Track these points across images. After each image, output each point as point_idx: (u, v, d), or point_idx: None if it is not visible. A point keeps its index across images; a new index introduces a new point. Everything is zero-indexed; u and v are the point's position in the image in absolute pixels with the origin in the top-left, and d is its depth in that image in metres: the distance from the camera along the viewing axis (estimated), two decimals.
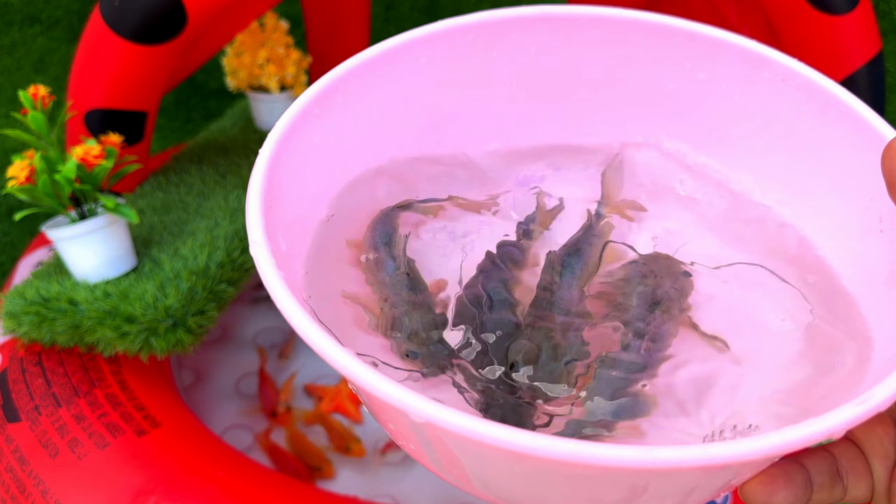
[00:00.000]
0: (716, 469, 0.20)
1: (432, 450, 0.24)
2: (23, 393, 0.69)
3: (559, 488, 0.21)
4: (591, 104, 0.32)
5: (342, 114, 0.28)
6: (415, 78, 0.31)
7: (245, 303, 1.08)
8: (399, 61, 0.30)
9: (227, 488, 0.62)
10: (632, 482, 0.20)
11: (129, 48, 0.79)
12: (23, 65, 1.69)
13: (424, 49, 0.32)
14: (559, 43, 0.31)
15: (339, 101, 0.28)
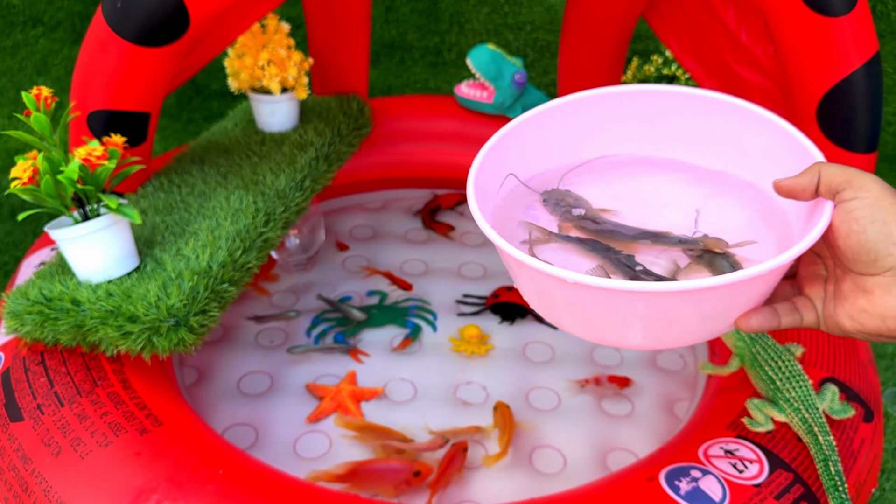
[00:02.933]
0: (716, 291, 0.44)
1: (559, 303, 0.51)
2: (25, 392, 0.70)
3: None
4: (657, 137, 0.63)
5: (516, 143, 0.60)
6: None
7: (246, 302, 1.08)
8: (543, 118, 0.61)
9: (229, 487, 0.62)
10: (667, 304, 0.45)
11: (132, 50, 0.79)
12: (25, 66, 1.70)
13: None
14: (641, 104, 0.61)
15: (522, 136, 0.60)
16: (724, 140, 0.60)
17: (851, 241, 0.44)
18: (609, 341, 0.53)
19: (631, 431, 0.87)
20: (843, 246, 0.45)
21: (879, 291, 0.43)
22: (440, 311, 1.07)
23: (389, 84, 1.77)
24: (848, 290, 0.46)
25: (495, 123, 1.30)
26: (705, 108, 0.60)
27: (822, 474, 0.65)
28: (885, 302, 0.43)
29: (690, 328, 0.49)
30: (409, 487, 0.76)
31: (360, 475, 0.77)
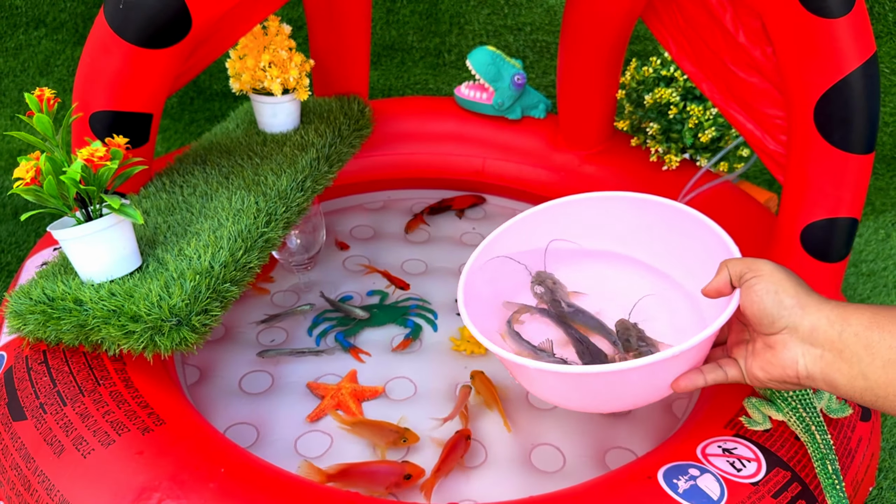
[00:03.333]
0: (639, 371, 0.59)
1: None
2: (28, 391, 0.70)
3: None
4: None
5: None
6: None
7: (247, 301, 1.09)
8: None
9: (231, 485, 0.63)
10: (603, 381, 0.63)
11: (134, 51, 0.79)
12: (28, 67, 1.70)
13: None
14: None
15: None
16: (667, 238, 0.79)
17: (755, 310, 0.56)
18: (571, 408, 0.72)
19: (629, 430, 0.87)
20: (749, 315, 0.57)
21: (779, 346, 0.55)
22: (440, 311, 1.08)
23: (390, 85, 1.78)
24: (759, 348, 0.58)
25: (495, 124, 1.31)
26: (657, 212, 0.79)
27: (820, 473, 0.65)
28: (783, 353, 0.55)
29: (633, 396, 0.67)
30: (399, 489, 0.77)
31: (351, 475, 0.77)
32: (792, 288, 0.55)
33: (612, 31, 1.08)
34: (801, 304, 0.54)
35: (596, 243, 0.86)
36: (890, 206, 1.45)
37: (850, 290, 1.21)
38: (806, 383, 0.55)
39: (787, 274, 0.56)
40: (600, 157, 1.24)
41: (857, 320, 0.51)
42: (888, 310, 0.52)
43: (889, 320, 0.50)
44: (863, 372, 0.50)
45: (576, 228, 0.86)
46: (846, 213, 0.85)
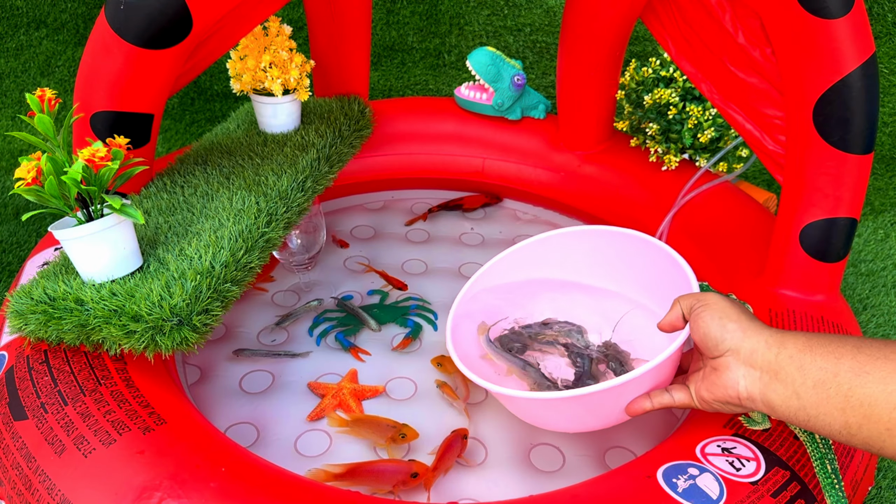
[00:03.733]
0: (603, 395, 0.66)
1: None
2: (29, 391, 0.70)
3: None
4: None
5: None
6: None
7: (248, 301, 1.09)
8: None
9: (231, 484, 0.63)
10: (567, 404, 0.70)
11: (135, 52, 0.80)
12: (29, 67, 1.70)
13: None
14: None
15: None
16: (637, 268, 0.86)
17: (701, 334, 0.62)
18: (543, 426, 0.80)
19: (629, 429, 0.88)
20: (697, 341, 0.63)
21: (723, 368, 0.60)
22: (440, 311, 1.08)
23: (390, 86, 1.78)
24: (707, 372, 0.63)
25: (495, 124, 1.31)
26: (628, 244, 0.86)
27: (819, 472, 0.65)
28: (727, 375, 0.60)
29: (596, 418, 0.73)
30: (405, 487, 0.77)
31: (359, 474, 0.78)
32: (735, 314, 0.60)
33: (612, 31, 1.08)
34: (743, 328, 0.59)
35: (573, 275, 0.93)
36: (889, 206, 1.45)
37: (850, 290, 1.21)
38: (747, 404, 0.60)
39: (732, 303, 0.62)
40: (600, 157, 1.25)
41: (793, 344, 0.56)
42: (822, 336, 0.56)
43: (820, 344, 0.54)
44: (796, 392, 0.54)
45: (553, 262, 0.93)
46: (845, 214, 0.85)
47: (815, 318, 0.85)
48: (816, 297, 0.89)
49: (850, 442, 0.52)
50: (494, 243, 1.25)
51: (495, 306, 0.93)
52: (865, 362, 0.50)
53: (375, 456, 0.84)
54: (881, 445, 0.49)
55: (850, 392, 0.50)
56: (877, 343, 0.52)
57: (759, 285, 0.93)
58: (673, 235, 1.12)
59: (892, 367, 0.48)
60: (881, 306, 1.17)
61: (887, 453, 0.49)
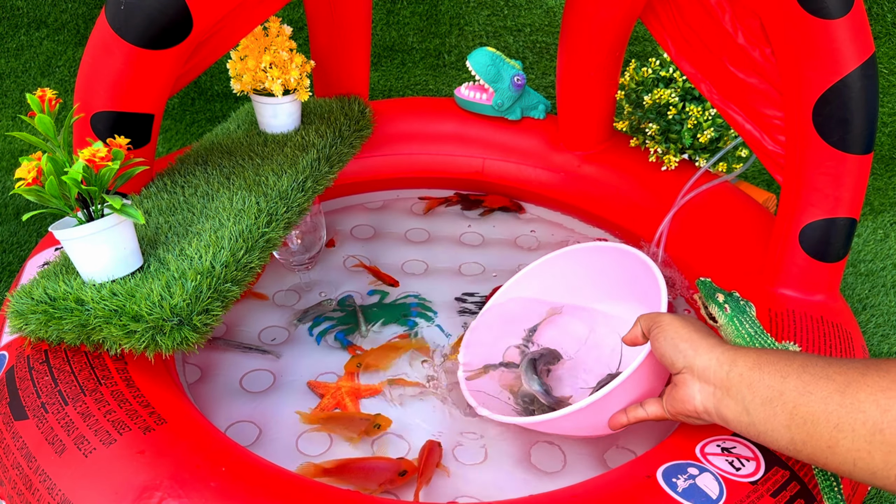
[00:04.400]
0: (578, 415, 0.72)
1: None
2: (30, 391, 0.70)
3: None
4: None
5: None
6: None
7: (249, 301, 1.09)
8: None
9: (232, 484, 0.63)
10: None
11: (135, 52, 0.80)
12: (30, 68, 1.71)
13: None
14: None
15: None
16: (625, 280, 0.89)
17: (659, 355, 0.65)
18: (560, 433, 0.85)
19: (629, 429, 0.88)
20: (658, 359, 0.66)
21: (681, 384, 0.63)
22: (440, 310, 1.08)
23: (390, 86, 1.78)
24: (671, 387, 0.66)
25: (495, 124, 1.31)
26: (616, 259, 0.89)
27: (818, 474, 0.65)
28: (684, 390, 0.63)
29: (590, 428, 0.78)
30: (393, 486, 0.78)
31: (347, 471, 0.78)
32: (686, 334, 0.63)
33: (612, 32, 1.08)
34: (695, 347, 0.61)
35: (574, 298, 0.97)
36: (888, 206, 1.45)
37: (849, 291, 1.21)
38: (705, 417, 0.62)
39: (685, 322, 0.64)
40: (600, 157, 1.25)
41: (743, 362, 0.58)
42: (771, 353, 0.57)
43: (769, 362, 0.56)
44: (746, 408, 0.56)
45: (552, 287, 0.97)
46: (845, 214, 0.85)
47: (815, 318, 0.85)
48: (816, 297, 0.89)
49: (798, 457, 0.54)
50: (494, 243, 1.25)
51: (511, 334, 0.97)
52: (809, 381, 0.52)
53: (372, 454, 0.84)
54: (825, 462, 0.51)
55: (795, 410, 0.52)
56: (822, 362, 0.53)
57: (759, 285, 0.93)
58: (673, 235, 1.12)
59: (834, 387, 0.50)
60: (881, 306, 1.17)
61: (831, 468, 0.51)
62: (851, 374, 0.50)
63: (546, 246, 1.24)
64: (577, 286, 0.95)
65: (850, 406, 0.48)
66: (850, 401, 0.48)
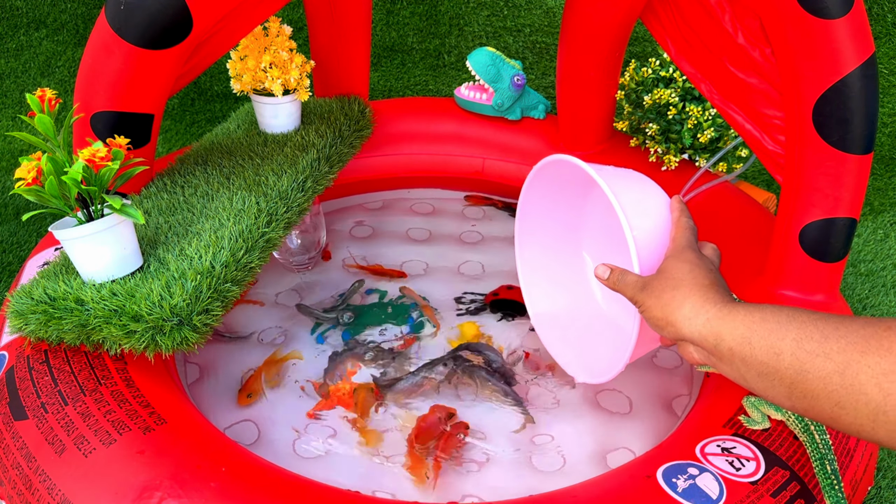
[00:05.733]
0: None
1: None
2: (29, 391, 0.70)
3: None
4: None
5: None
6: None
7: (248, 301, 1.09)
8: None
9: (232, 484, 0.63)
10: None
11: (135, 52, 0.80)
12: (29, 68, 1.71)
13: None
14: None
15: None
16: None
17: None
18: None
19: (629, 429, 0.88)
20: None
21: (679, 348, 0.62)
22: (441, 310, 1.08)
23: (390, 86, 1.78)
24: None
25: (495, 125, 1.31)
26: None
27: (819, 473, 0.65)
28: (680, 346, 0.61)
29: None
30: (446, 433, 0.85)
31: (419, 435, 0.86)
32: (661, 314, 0.60)
33: (611, 32, 1.08)
34: (677, 327, 0.58)
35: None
36: (888, 206, 1.45)
37: (849, 290, 1.21)
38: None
39: (657, 297, 0.61)
40: (600, 157, 1.25)
41: (730, 336, 0.54)
42: (762, 324, 0.53)
43: (760, 336, 0.53)
44: (743, 376, 0.54)
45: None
46: (845, 214, 0.85)
47: None
48: (816, 296, 0.89)
49: (805, 416, 0.53)
50: (495, 242, 1.25)
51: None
52: (805, 360, 0.50)
53: (371, 460, 0.84)
54: (831, 425, 0.50)
55: (794, 386, 0.51)
56: (817, 335, 0.50)
57: (759, 285, 0.93)
58: None
59: (833, 367, 0.48)
60: (881, 306, 1.17)
61: (839, 429, 0.50)
62: (850, 354, 0.48)
63: None
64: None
65: (851, 388, 0.47)
66: (851, 382, 0.47)
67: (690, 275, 0.60)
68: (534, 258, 0.94)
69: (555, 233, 0.94)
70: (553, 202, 0.91)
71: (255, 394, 0.91)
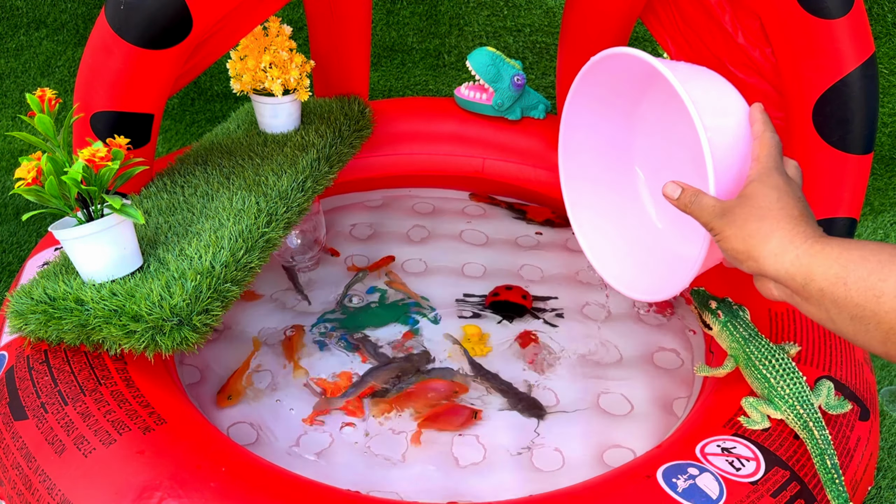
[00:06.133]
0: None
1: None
2: (29, 391, 0.70)
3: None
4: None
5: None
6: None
7: (248, 301, 1.09)
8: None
9: (232, 484, 0.63)
10: None
11: (135, 52, 0.80)
12: (29, 68, 1.71)
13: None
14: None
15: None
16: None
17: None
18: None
19: (629, 429, 0.88)
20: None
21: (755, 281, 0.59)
22: (441, 309, 1.08)
23: (390, 86, 1.78)
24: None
25: (495, 125, 1.31)
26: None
27: (820, 468, 0.65)
28: (757, 280, 0.58)
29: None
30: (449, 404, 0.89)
31: (411, 396, 0.90)
32: (742, 245, 0.54)
33: (611, 32, 1.08)
34: (760, 262, 0.53)
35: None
36: (889, 206, 1.45)
37: None
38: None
39: (738, 226, 0.55)
40: None
41: (822, 275, 0.49)
42: (857, 259, 0.49)
43: (858, 277, 0.48)
44: (831, 318, 0.50)
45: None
46: (845, 213, 0.85)
47: None
48: None
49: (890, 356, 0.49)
50: (494, 242, 1.25)
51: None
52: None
53: (371, 460, 0.84)
54: None
55: (892, 330, 0.46)
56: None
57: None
58: None
59: None
60: None
61: None
62: None
63: (546, 246, 1.24)
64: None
65: None
66: None
67: (778, 203, 0.53)
68: (579, 171, 0.84)
69: (603, 144, 0.84)
70: (601, 111, 0.81)
71: (236, 395, 0.91)
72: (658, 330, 1.04)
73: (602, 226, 0.85)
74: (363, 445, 0.85)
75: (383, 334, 1.03)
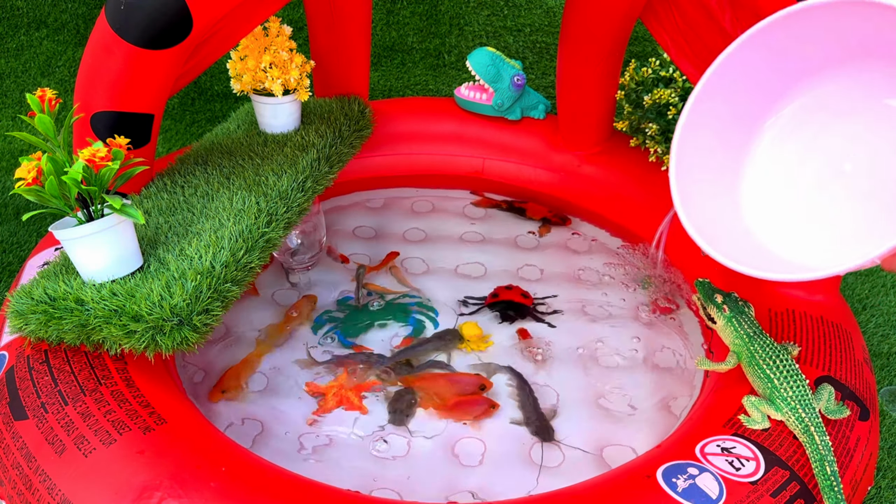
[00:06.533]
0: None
1: None
2: (30, 391, 0.70)
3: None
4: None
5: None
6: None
7: (248, 302, 1.09)
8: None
9: (232, 484, 0.63)
10: None
11: (135, 52, 0.80)
12: (30, 68, 1.71)
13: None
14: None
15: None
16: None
17: None
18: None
19: (629, 429, 0.88)
20: None
21: None
22: (441, 309, 1.08)
23: (390, 86, 1.78)
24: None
25: (495, 125, 1.31)
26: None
27: (818, 474, 0.65)
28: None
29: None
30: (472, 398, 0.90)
31: (433, 379, 0.92)
32: None
33: (611, 32, 1.08)
34: None
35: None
36: None
37: (849, 290, 1.21)
38: None
39: None
40: (599, 157, 1.25)
41: None
42: None
43: None
44: None
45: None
46: None
47: (815, 318, 0.85)
48: (816, 296, 0.89)
49: None
50: (494, 242, 1.25)
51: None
52: None
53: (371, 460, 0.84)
54: None
55: None
56: None
57: (760, 285, 0.93)
58: (673, 235, 1.12)
59: None
60: (880, 306, 1.17)
61: None
62: None
63: (546, 246, 1.24)
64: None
65: None
66: None
67: None
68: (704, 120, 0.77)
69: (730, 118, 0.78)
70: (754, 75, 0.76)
71: (230, 390, 0.92)
72: (658, 330, 1.04)
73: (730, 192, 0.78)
74: (363, 445, 0.85)
75: (383, 334, 1.03)
